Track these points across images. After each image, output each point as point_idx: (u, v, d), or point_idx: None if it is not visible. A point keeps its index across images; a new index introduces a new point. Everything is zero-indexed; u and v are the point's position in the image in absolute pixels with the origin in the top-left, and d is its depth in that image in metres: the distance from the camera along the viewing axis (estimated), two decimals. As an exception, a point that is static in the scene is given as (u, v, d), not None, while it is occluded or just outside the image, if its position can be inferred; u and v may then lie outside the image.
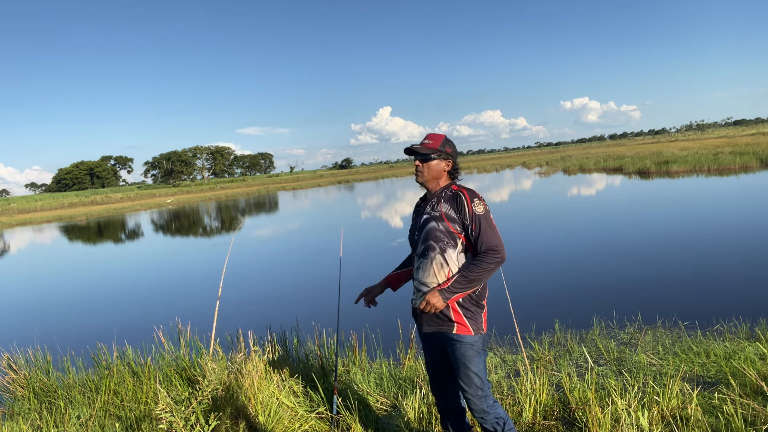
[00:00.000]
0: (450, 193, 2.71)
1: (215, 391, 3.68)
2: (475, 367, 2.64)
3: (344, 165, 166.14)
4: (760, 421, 3.06)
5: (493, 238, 2.57)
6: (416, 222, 2.82)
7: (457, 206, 2.63)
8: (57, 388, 4.65)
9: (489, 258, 2.54)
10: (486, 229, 2.58)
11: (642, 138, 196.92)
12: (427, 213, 2.73)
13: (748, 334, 4.85)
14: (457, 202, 2.64)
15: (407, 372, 4.40)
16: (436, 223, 2.65)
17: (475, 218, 2.59)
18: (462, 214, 2.61)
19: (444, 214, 2.65)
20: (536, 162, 59.99)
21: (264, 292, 9.80)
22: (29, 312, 10.06)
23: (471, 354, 2.64)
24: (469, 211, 2.60)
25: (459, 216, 2.62)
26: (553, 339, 5.40)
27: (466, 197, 2.62)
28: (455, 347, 2.65)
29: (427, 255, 2.68)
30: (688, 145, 49.92)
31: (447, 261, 2.63)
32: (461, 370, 2.67)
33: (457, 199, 2.64)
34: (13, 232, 33.66)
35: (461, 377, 2.68)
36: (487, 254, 2.55)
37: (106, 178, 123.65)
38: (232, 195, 58.06)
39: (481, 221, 2.58)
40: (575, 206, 17.94)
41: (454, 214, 2.63)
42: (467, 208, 2.60)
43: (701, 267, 8.16)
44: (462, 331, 2.63)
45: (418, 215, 2.84)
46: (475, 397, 2.66)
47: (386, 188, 44.54)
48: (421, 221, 2.75)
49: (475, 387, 2.65)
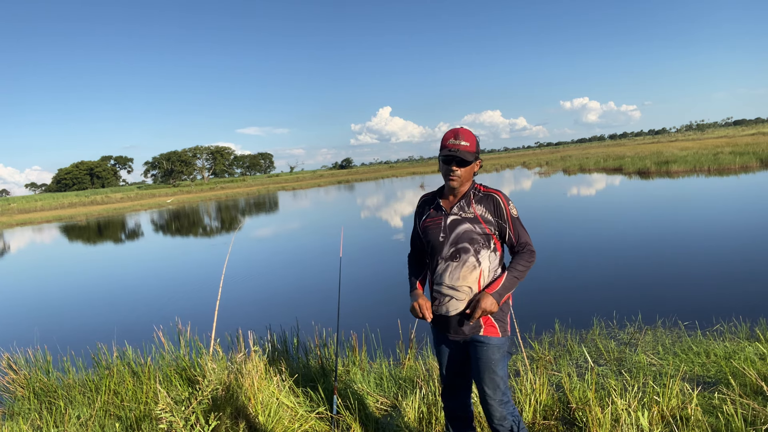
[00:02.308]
0: (481, 194, 2.65)
1: (215, 391, 3.68)
2: (500, 371, 2.56)
3: (344, 165, 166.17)
4: (760, 421, 3.06)
5: (529, 239, 2.66)
6: (439, 222, 2.65)
7: (494, 208, 2.61)
8: (57, 388, 4.65)
9: (529, 257, 2.61)
10: (522, 231, 2.65)
11: (642, 138, 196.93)
12: (455, 214, 2.62)
13: (748, 334, 4.85)
14: (493, 204, 2.62)
15: (407, 372, 4.39)
16: (471, 225, 2.58)
17: (513, 221, 2.62)
18: (499, 216, 2.61)
19: (480, 216, 2.59)
20: (536, 162, 59.96)
21: (264, 292, 9.80)
22: (29, 312, 10.06)
23: (497, 357, 2.56)
24: (507, 214, 2.61)
25: (496, 218, 2.61)
26: (553, 339, 5.40)
27: (502, 200, 2.62)
28: (482, 350, 2.57)
29: (458, 257, 2.57)
30: (688, 145, 49.91)
31: (480, 263, 2.57)
32: (486, 374, 2.56)
33: (494, 201, 2.63)
34: (13, 232, 33.65)
35: (486, 382, 2.57)
36: (526, 253, 2.62)
37: (106, 178, 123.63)
38: (232, 195, 58.05)
39: (517, 223, 2.64)
40: (575, 206, 17.94)
41: (491, 216, 2.60)
42: (505, 211, 2.61)
43: (701, 267, 8.15)
44: (490, 332, 2.56)
45: (437, 213, 2.68)
46: (500, 403, 2.57)
47: (386, 188, 44.53)
48: (448, 222, 2.62)
49: (501, 392, 2.56)
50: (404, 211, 23.17)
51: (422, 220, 2.76)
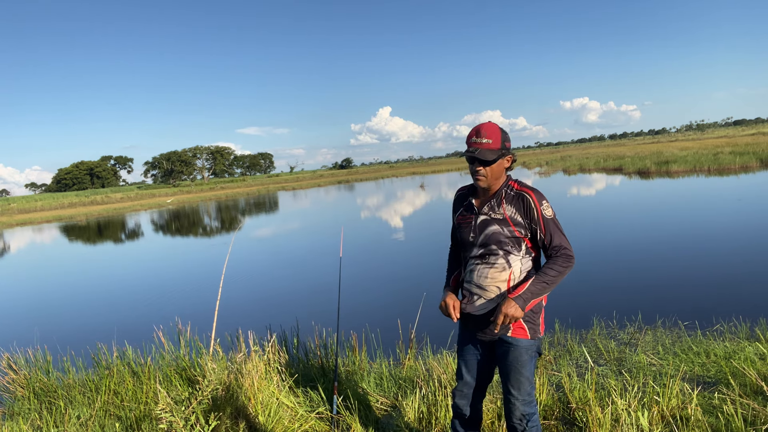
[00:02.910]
0: (513, 193, 2.51)
1: (215, 391, 3.68)
2: (527, 372, 2.52)
3: (344, 165, 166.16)
4: (760, 421, 3.06)
5: (565, 242, 2.46)
6: (470, 221, 2.59)
7: (524, 209, 2.47)
8: (57, 388, 4.65)
9: (563, 261, 2.44)
10: (557, 234, 2.46)
11: (642, 138, 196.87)
12: (485, 214, 2.53)
13: (748, 334, 4.85)
14: (524, 205, 2.47)
15: (407, 372, 4.39)
16: (499, 227, 2.48)
17: (546, 222, 2.45)
18: (530, 218, 2.46)
19: (509, 217, 2.48)
20: (536, 162, 59.95)
21: (264, 292, 9.80)
22: (29, 312, 10.06)
23: (525, 359, 2.51)
24: (538, 215, 2.45)
25: (526, 220, 2.46)
26: (553, 339, 5.40)
27: (534, 200, 2.46)
28: (509, 351, 2.51)
29: (487, 259, 2.51)
30: (688, 145, 49.91)
31: (510, 264, 2.48)
32: (513, 375, 2.53)
33: (524, 201, 2.47)
34: (13, 232, 33.65)
35: (512, 382, 2.54)
36: (560, 258, 2.44)
37: (106, 178, 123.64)
38: (232, 195, 58.05)
39: (551, 225, 2.45)
40: (575, 206, 17.93)
41: (521, 218, 2.47)
42: (537, 212, 2.45)
43: (701, 267, 8.16)
44: (519, 334, 2.50)
45: (468, 212, 2.62)
46: (523, 403, 2.54)
47: (386, 188, 44.53)
48: (478, 222, 2.55)
49: (525, 393, 2.53)
50: (404, 211, 23.18)
51: (456, 217, 2.71)
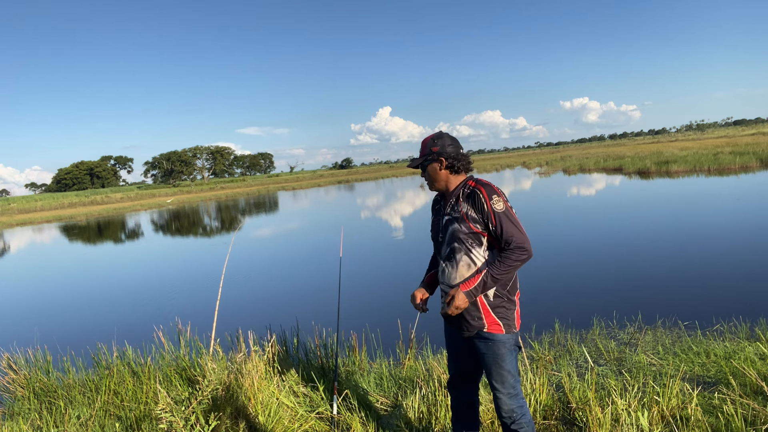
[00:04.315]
0: (468, 191, 2.60)
1: (215, 391, 3.68)
2: (508, 365, 2.59)
3: (344, 165, 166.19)
4: (760, 421, 3.06)
5: (517, 234, 2.48)
6: (438, 223, 2.74)
7: (476, 205, 2.54)
8: (57, 388, 4.65)
9: (514, 255, 2.47)
10: (509, 226, 2.49)
11: (642, 138, 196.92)
12: (447, 214, 2.65)
13: (748, 334, 4.85)
14: (475, 200, 2.54)
15: (407, 372, 4.39)
16: (459, 225, 2.57)
17: (496, 215, 2.50)
18: (482, 212, 2.52)
19: (465, 214, 2.56)
20: (536, 162, 59.96)
21: (264, 292, 9.80)
22: (29, 312, 10.06)
23: (504, 352, 2.58)
24: (488, 208, 2.51)
25: (479, 215, 2.53)
26: (553, 339, 5.40)
27: (483, 194, 2.53)
28: (487, 345, 2.60)
29: (453, 257, 2.61)
30: (688, 145, 49.91)
31: (474, 261, 2.56)
32: (494, 369, 2.61)
33: (475, 196, 2.55)
34: (13, 232, 33.65)
35: (494, 377, 2.62)
36: (512, 251, 2.47)
37: (106, 178, 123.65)
38: (232, 195, 58.05)
39: (502, 218, 2.49)
40: (575, 206, 17.94)
41: (475, 214, 2.54)
42: (486, 206, 2.51)
43: (701, 267, 8.15)
44: (494, 329, 2.57)
45: (438, 216, 2.76)
46: (508, 396, 2.61)
47: (386, 188, 44.53)
48: (443, 223, 2.67)
49: (509, 386, 2.60)
50: (404, 211, 23.18)
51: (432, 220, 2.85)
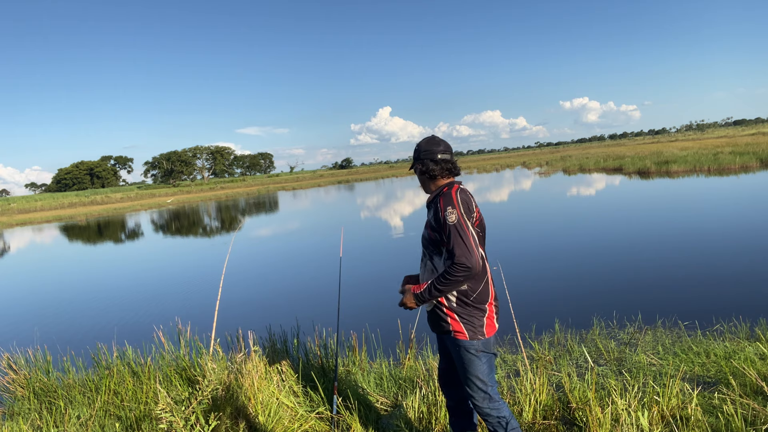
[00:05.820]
0: (434, 198, 2.64)
1: (215, 391, 3.68)
2: (474, 370, 2.62)
3: (344, 165, 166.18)
4: (760, 421, 3.06)
5: (459, 249, 2.37)
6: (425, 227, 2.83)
7: (434, 214, 2.54)
8: (57, 388, 4.65)
9: (453, 270, 2.39)
10: (455, 240, 2.39)
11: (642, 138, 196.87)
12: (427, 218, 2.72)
13: (748, 334, 4.85)
14: (435, 210, 2.54)
15: (407, 372, 4.39)
16: (426, 230, 2.64)
17: (448, 228, 2.43)
18: (438, 222, 2.49)
19: (428, 221, 2.62)
20: (536, 162, 59.95)
21: (264, 292, 9.80)
22: (29, 312, 10.06)
23: (469, 357, 2.61)
24: (442, 219, 2.46)
25: (437, 224, 2.51)
26: (553, 339, 5.40)
27: (441, 205, 2.49)
28: (454, 350, 2.66)
29: (423, 260, 2.73)
30: (688, 145, 49.89)
31: (435, 267, 2.62)
32: (462, 372, 2.69)
33: (435, 206, 2.54)
34: (13, 232, 33.64)
35: (463, 380, 2.70)
36: (452, 266, 2.39)
37: (106, 178, 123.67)
38: (232, 195, 58.04)
39: (451, 231, 2.41)
40: (575, 206, 17.93)
41: (434, 222, 2.53)
42: (441, 215, 2.48)
43: (701, 267, 8.15)
44: (458, 336, 2.61)
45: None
46: (478, 399, 2.67)
47: (386, 188, 44.52)
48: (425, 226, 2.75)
49: (477, 389, 2.65)
50: (404, 211, 23.18)
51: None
